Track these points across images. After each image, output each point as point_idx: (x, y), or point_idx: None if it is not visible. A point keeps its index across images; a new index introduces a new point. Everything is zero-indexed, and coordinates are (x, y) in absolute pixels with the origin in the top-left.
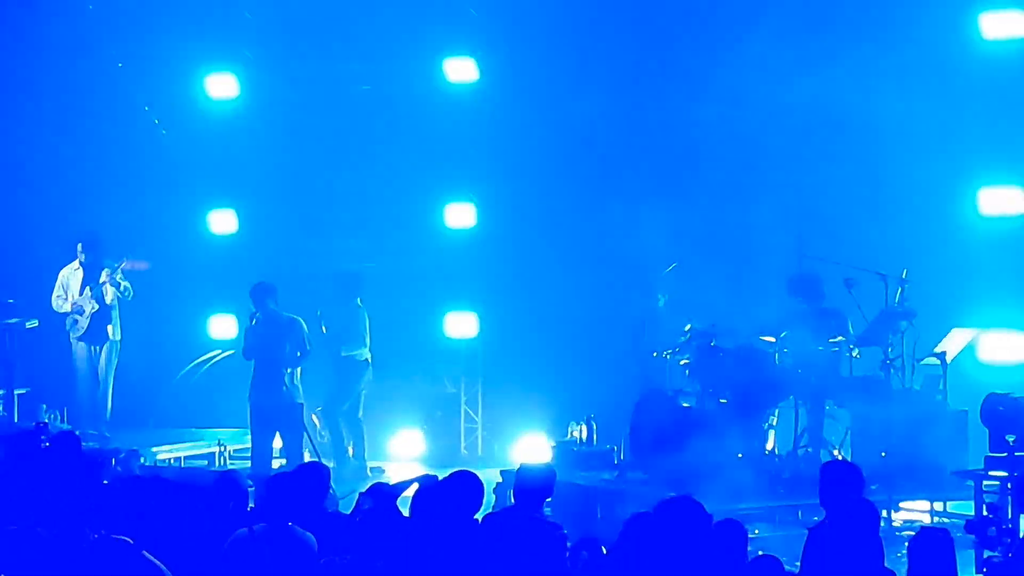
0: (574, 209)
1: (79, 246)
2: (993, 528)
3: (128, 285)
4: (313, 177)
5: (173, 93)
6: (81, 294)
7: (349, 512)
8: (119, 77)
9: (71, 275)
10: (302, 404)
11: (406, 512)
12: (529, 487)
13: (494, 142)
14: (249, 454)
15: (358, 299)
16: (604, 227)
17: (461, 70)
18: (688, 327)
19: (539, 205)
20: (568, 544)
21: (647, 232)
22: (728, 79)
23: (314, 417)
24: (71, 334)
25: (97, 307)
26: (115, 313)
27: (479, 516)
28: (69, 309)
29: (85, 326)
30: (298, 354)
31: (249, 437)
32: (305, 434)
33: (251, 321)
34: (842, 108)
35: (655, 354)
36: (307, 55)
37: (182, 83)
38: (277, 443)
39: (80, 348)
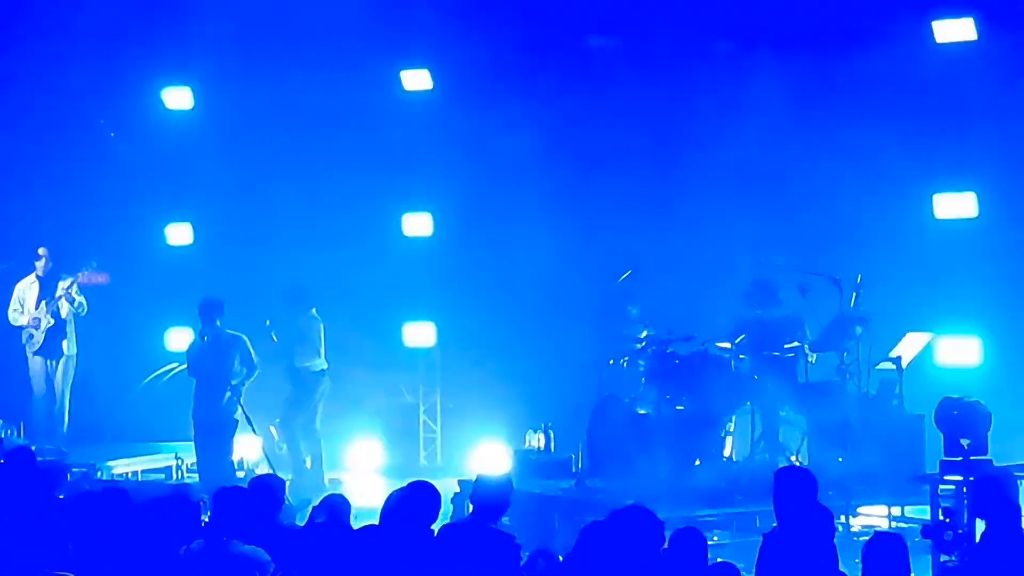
0: (530, 218)
1: (40, 251)
2: (949, 532)
3: (83, 300)
4: (270, 188)
5: (129, 105)
6: (37, 308)
7: (303, 525)
8: (75, 90)
9: (27, 289)
10: (237, 421)
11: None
12: (486, 499)
13: (450, 151)
14: None
15: (312, 309)
16: (560, 235)
17: (416, 80)
18: (644, 334)
19: (496, 214)
20: (524, 554)
21: (603, 239)
22: (682, 88)
23: (272, 429)
24: (27, 348)
25: (53, 322)
26: (70, 328)
27: (436, 527)
28: (25, 323)
29: (41, 340)
30: (244, 371)
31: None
32: (263, 447)
33: (201, 339)
34: (796, 113)
35: (611, 361)
36: (262, 67)
37: (138, 95)
38: (241, 454)
39: (36, 362)
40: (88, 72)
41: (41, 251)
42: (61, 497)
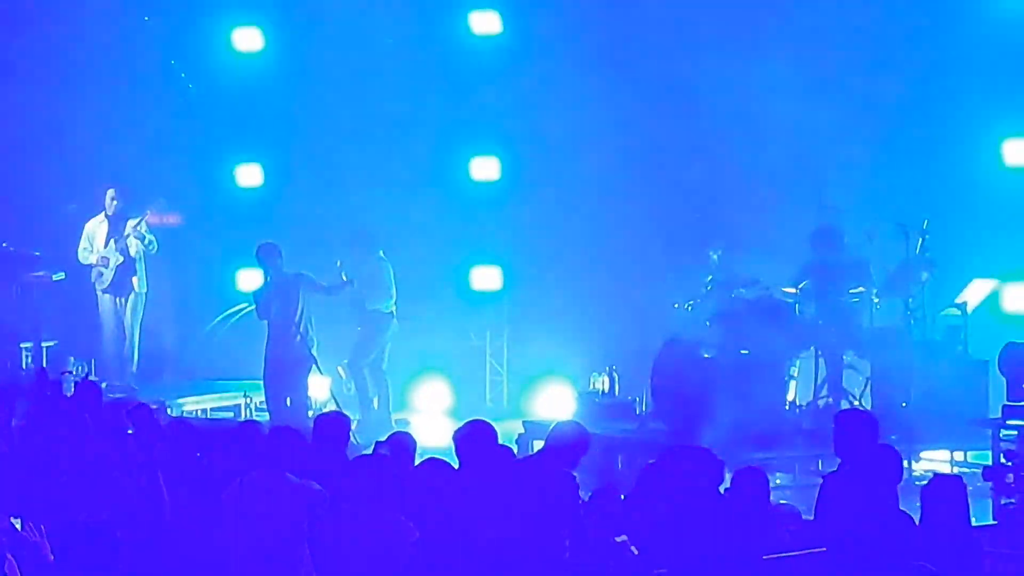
0: (598, 161)
1: (108, 193)
2: (1011, 475)
3: (153, 238)
4: (338, 130)
5: (200, 46)
6: (106, 246)
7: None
8: (145, 31)
9: (96, 228)
10: (311, 359)
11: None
12: (558, 445)
13: (518, 96)
14: None
15: (380, 251)
16: (627, 177)
17: (486, 23)
18: (709, 278)
19: (563, 158)
20: (586, 493)
21: (671, 182)
22: (749, 33)
23: (340, 369)
24: (96, 286)
25: (122, 259)
26: (140, 265)
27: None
28: (95, 261)
29: (110, 279)
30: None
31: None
32: (331, 387)
33: (265, 281)
34: (863, 60)
35: (676, 305)
36: (331, 8)
37: (208, 36)
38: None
39: (106, 300)
40: (159, 13)
41: (110, 192)
42: (130, 432)
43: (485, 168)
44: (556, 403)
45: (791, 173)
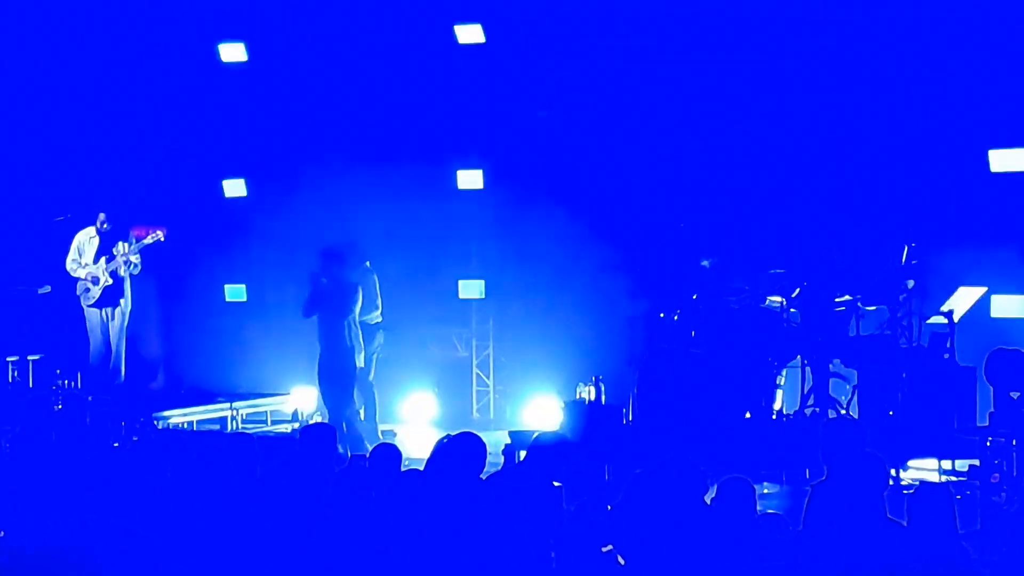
0: (583, 171)
1: (100, 216)
2: (996, 474)
3: (138, 261)
4: (323, 143)
5: (184, 59)
6: (95, 262)
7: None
8: (131, 43)
9: (87, 241)
10: (357, 366)
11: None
12: (541, 455)
13: (503, 106)
14: (262, 418)
15: (367, 262)
16: (613, 188)
17: (469, 34)
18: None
19: (548, 168)
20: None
21: (657, 192)
22: (740, 42)
23: None
24: (82, 300)
25: (111, 282)
26: (126, 284)
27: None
28: (83, 276)
29: (97, 295)
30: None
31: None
32: (317, 398)
33: (320, 282)
34: (849, 68)
35: (662, 315)
36: (316, 21)
37: (192, 50)
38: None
39: (92, 314)
40: (144, 27)
41: (101, 216)
42: (116, 446)
43: (470, 179)
44: (543, 413)
45: (778, 181)
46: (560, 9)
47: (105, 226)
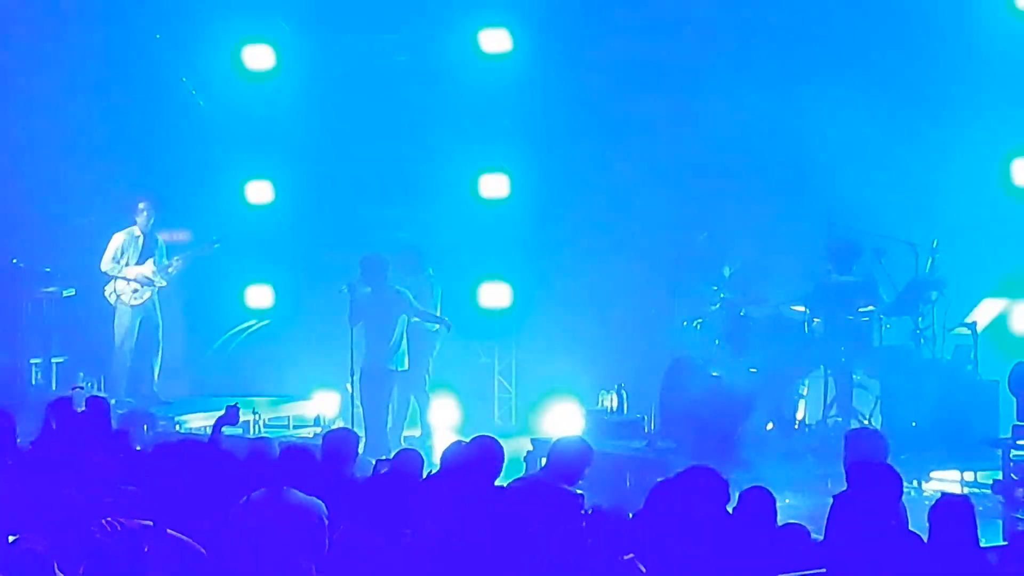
0: (606, 179)
1: (140, 206)
2: (1020, 489)
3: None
4: (348, 148)
5: (210, 64)
6: (141, 263)
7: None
8: (157, 48)
9: (129, 242)
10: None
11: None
12: (562, 461)
13: (527, 113)
14: (284, 423)
15: (429, 269)
16: (636, 197)
17: (496, 41)
18: (722, 295)
19: (571, 175)
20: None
21: (680, 201)
22: (755, 51)
23: (348, 387)
24: (123, 299)
25: (164, 283)
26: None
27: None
28: (131, 275)
29: (147, 296)
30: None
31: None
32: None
33: (364, 291)
34: (873, 76)
35: (685, 323)
36: (343, 26)
37: (219, 54)
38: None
39: (125, 314)
40: (171, 31)
41: (141, 205)
42: (139, 449)
43: (494, 185)
44: (565, 421)
45: (801, 191)
46: (584, 18)
47: (147, 217)
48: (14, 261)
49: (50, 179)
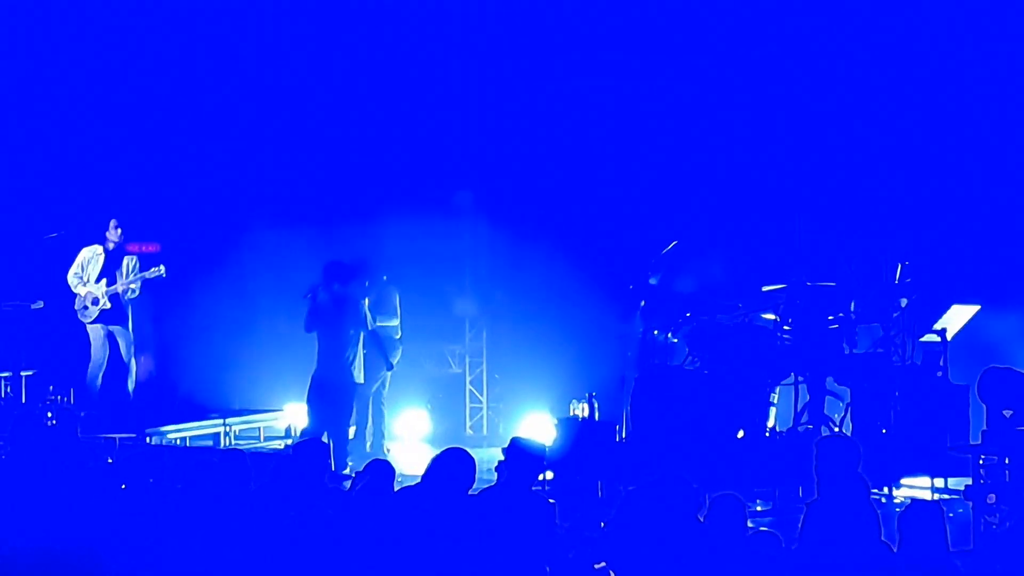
0: (575, 191)
1: (111, 223)
2: (992, 495)
3: (136, 288)
4: (316, 161)
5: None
6: (97, 282)
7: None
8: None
9: (93, 259)
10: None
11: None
12: (519, 460)
13: (495, 128)
14: (254, 434)
15: (383, 276)
16: (605, 205)
17: None
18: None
19: (541, 186)
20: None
21: (646, 210)
22: (732, 56)
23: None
24: (79, 315)
25: (109, 305)
26: (128, 309)
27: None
28: (82, 293)
29: (94, 315)
30: (351, 332)
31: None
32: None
33: (315, 298)
34: (839, 84)
35: (655, 332)
36: (315, 39)
37: (192, 59)
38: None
39: (94, 329)
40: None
41: (112, 222)
42: (110, 461)
43: (464, 199)
44: (536, 430)
45: (771, 198)
46: (552, 36)
47: (118, 231)
48: None
49: (19, 192)
